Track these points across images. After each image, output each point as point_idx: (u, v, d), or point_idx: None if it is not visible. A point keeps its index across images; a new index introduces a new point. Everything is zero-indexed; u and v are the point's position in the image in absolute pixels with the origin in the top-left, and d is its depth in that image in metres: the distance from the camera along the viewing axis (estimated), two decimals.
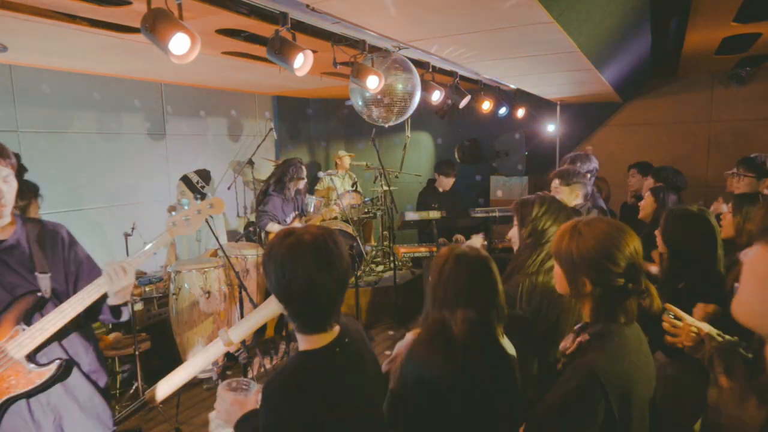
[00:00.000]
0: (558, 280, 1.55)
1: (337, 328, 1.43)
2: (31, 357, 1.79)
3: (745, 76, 5.89)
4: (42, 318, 1.80)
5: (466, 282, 1.62)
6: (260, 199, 4.92)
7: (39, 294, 1.83)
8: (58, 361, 1.82)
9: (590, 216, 1.53)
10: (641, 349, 1.47)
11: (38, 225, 1.95)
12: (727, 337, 1.62)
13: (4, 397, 1.75)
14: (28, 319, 1.80)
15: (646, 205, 3.39)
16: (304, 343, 1.40)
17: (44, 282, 1.84)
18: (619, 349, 1.41)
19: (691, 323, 1.76)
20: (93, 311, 1.93)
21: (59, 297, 1.90)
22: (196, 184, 4.33)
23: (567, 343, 1.52)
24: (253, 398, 1.50)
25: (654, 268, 2.93)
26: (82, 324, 1.97)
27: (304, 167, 4.98)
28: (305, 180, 5.04)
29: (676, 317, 1.81)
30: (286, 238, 1.35)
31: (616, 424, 1.33)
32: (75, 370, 1.91)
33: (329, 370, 1.37)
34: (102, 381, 2.03)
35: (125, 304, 1.98)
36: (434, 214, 5.30)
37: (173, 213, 2.25)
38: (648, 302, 1.47)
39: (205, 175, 4.46)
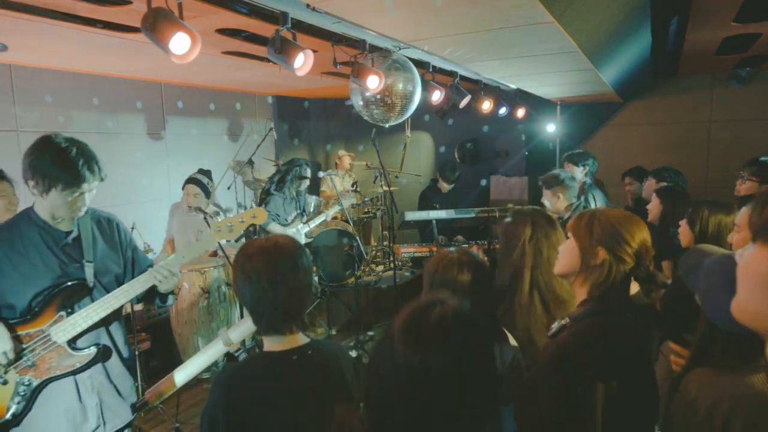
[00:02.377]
0: (568, 255, 1.58)
1: (303, 339, 1.49)
2: (73, 341, 1.94)
3: (745, 76, 5.88)
4: (90, 305, 1.94)
5: (460, 282, 1.68)
6: (262, 198, 4.91)
7: (80, 282, 1.96)
8: (95, 347, 1.99)
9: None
10: (625, 336, 1.51)
11: (89, 213, 2.07)
12: None
13: (45, 377, 1.91)
14: (72, 305, 1.95)
15: (653, 207, 3.36)
16: (266, 344, 1.49)
17: (89, 271, 1.98)
18: (596, 331, 1.47)
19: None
20: (146, 299, 2.15)
21: (117, 280, 2.08)
22: (208, 185, 4.36)
23: (552, 326, 1.59)
24: None
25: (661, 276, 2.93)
26: (131, 319, 2.21)
27: (308, 168, 4.97)
28: (308, 180, 5.03)
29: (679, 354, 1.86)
30: (248, 247, 1.45)
31: (574, 400, 1.39)
32: (117, 360, 2.09)
33: (284, 370, 1.42)
34: (135, 371, 2.24)
35: (172, 291, 2.16)
36: (434, 214, 5.30)
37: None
38: (652, 288, 1.53)
39: (208, 174, 4.47)
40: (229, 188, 6.12)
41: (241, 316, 4.08)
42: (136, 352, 3.77)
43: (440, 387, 0.85)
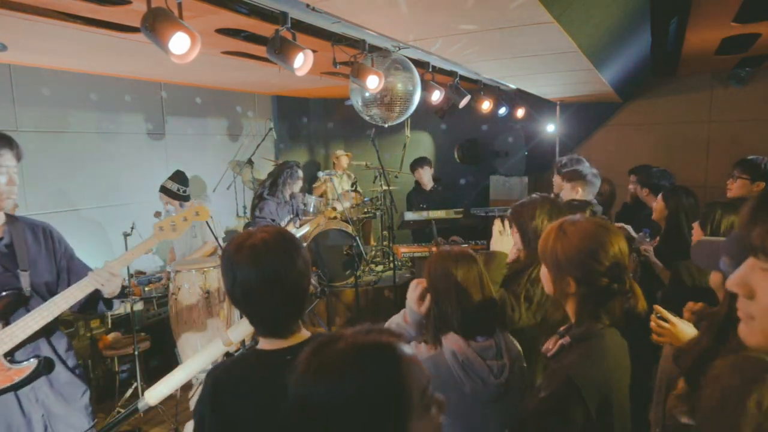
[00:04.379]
0: (544, 280, 1.55)
1: (300, 336, 1.39)
2: (11, 354, 1.83)
3: (744, 77, 5.88)
4: (25, 316, 1.84)
5: (455, 280, 1.72)
6: (255, 204, 4.88)
7: (17, 291, 1.87)
8: (35, 359, 1.87)
9: (577, 216, 1.53)
10: (622, 350, 1.47)
11: (20, 221, 2.00)
12: None
13: None
14: (7, 316, 1.84)
15: (659, 207, 3.34)
16: (261, 342, 1.41)
17: (25, 279, 1.89)
18: (597, 352, 1.40)
19: (679, 326, 1.80)
20: (88, 305, 2.03)
21: (50, 290, 1.97)
22: (178, 192, 4.27)
23: (549, 345, 1.53)
24: None
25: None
26: (58, 321, 2.02)
27: (299, 170, 4.94)
28: (301, 183, 5.01)
29: (663, 318, 1.85)
30: (238, 244, 1.34)
31: (594, 427, 1.32)
32: (62, 368, 1.98)
33: (266, 372, 1.34)
34: (83, 376, 2.11)
35: (119, 296, 2.09)
36: (434, 214, 5.30)
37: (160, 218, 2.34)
38: (633, 303, 1.46)
39: (182, 178, 4.38)
40: (228, 188, 6.12)
41: (241, 315, 4.08)
42: (136, 353, 3.78)
43: (329, 420, 0.79)
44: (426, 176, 5.88)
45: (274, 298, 1.31)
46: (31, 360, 1.87)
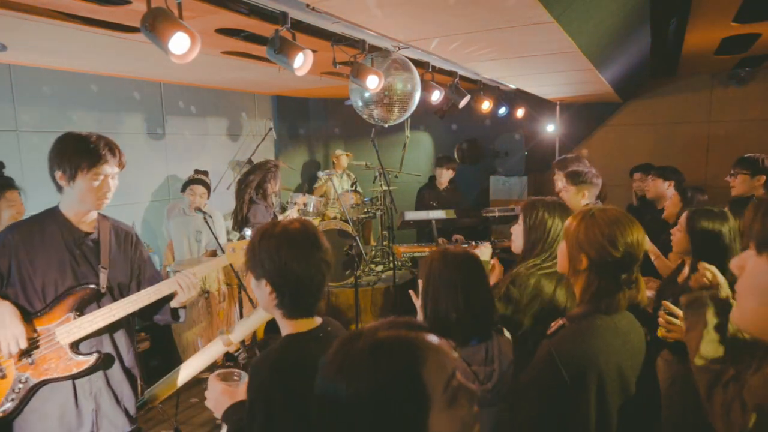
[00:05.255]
0: (561, 257, 1.63)
1: (319, 319, 1.50)
2: (75, 345, 1.92)
3: (744, 77, 5.89)
4: (97, 310, 1.92)
5: (453, 278, 1.71)
6: (247, 208, 4.47)
7: (96, 287, 1.95)
8: (96, 354, 1.94)
9: (609, 206, 1.60)
10: (618, 337, 1.50)
11: (109, 222, 2.10)
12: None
13: (41, 378, 1.87)
14: (82, 308, 1.93)
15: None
16: (289, 328, 1.46)
17: (103, 277, 1.98)
18: (585, 331, 1.48)
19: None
20: (153, 310, 2.11)
21: (122, 291, 2.06)
22: (210, 185, 4.42)
23: (552, 325, 1.60)
24: (242, 389, 1.50)
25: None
26: (131, 324, 2.14)
27: (278, 168, 4.65)
28: (279, 181, 4.84)
29: (672, 314, 1.86)
30: (276, 227, 1.44)
31: (572, 396, 1.42)
32: (118, 366, 2.04)
33: (317, 347, 1.38)
34: (137, 379, 2.15)
35: (184, 306, 2.16)
36: (434, 214, 5.30)
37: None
38: (634, 294, 1.52)
39: (206, 175, 4.49)
40: (228, 188, 6.12)
41: (241, 316, 4.08)
42: (136, 353, 3.77)
43: (355, 416, 0.80)
44: (445, 176, 5.88)
45: (310, 273, 1.41)
46: (93, 355, 1.94)
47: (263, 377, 1.36)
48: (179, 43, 2.07)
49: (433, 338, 0.86)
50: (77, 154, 1.90)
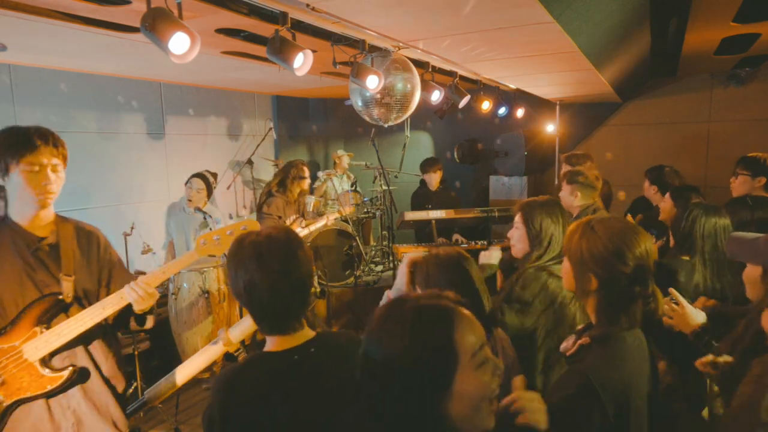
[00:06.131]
0: (565, 275, 1.53)
1: (305, 335, 1.41)
2: (46, 360, 1.78)
3: (744, 77, 5.89)
4: (63, 322, 1.78)
5: (447, 278, 1.72)
6: (263, 199, 4.89)
7: (60, 297, 1.81)
8: (71, 368, 1.81)
9: (605, 215, 1.54)
10: (642, 354, 1.44)
11: (72, 224, 1.94)
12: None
13: (14, 399, 1.74)
14: (49, 320, 1.79)
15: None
16: (269, 344, 1.41)
17: (67, 285, 1.82)
18: (618, 354, 1.38)
19: (688, 310, 1.86)
20: (120, 319, 1.96)
21: (89, 299, 1.90)
22: (212, 185, 4.41)
23: (568, 344, 1.50)
24: None
25: None
26: (107, 330, 1.98)
27: (306, 168, 4.95)
28: (308, 182, 5.01)
29: (677, 302, 1.89)
30: (241, 241, 1.38)
31: (611, 429, 1.30)
32: (95, 376, 1.91)
33: (284, 371, 1.34)
34: (120, 386, 2.03)
35: (150, 311, 1.99)
36: (434, 214, 5.30)
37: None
38: (653, 306, 1.42)
39: (215, 177, 4.51)
40: (228, 188, 6.12)
41: (241, 316, 4.08)
42: (136, 353, 3.77)
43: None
44: (434, 179, 5.85)
45: (278, 294, 1.33)
46: (66, 370, 1.80)
47: (213, 392, 1.36)
48: (179, 43, 2.07)
49: (465, 312, 0.98)
50: (6, 145, 1.74)
